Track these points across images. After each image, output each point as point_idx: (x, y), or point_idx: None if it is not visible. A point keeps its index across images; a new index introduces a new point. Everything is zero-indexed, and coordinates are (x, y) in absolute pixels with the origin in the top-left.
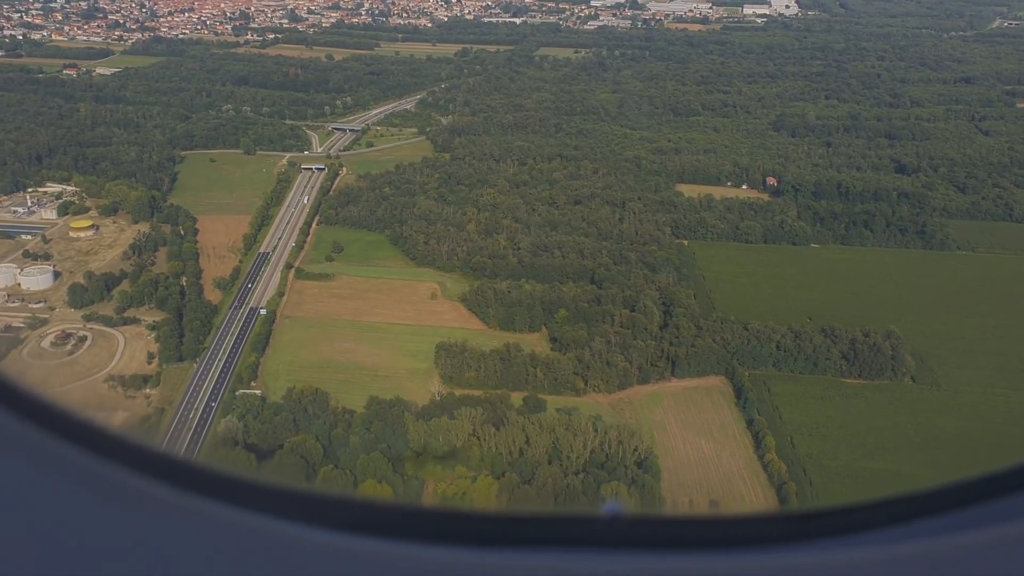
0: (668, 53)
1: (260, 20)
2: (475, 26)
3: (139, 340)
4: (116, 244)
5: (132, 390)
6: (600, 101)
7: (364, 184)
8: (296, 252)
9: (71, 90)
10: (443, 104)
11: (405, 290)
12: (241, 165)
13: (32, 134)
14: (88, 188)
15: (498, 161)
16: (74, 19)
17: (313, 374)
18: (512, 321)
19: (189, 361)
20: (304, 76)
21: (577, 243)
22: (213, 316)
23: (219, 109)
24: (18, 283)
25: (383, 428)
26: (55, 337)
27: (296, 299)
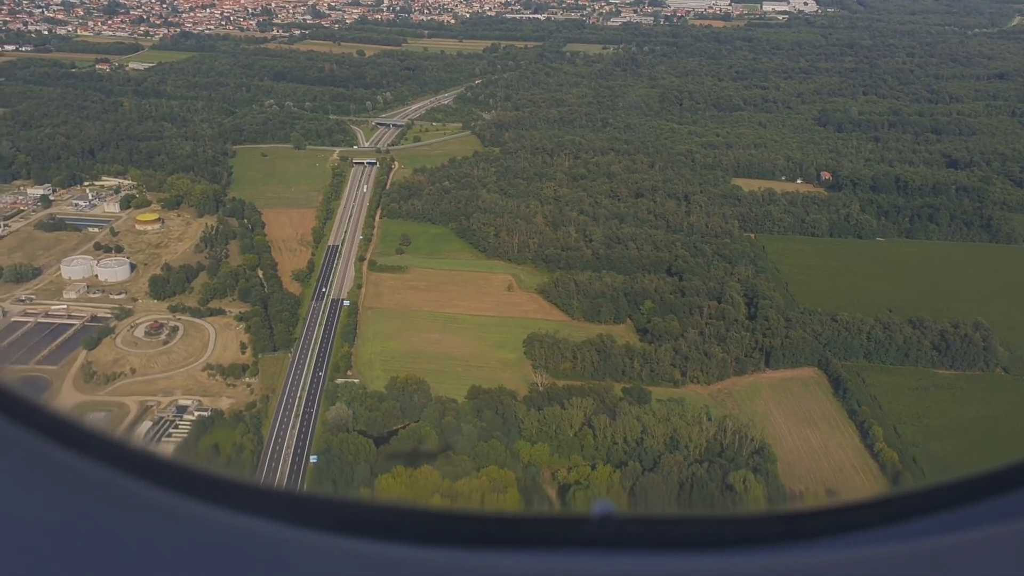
0: (696, 49)
1: (283, 16)
2: (499, 22)
3: (228, 331)
4: (184, 237)
5: (231, 378)
6: (640, 96)
7: (423, 178)
8: (365, 245)
9: (109, 84)
10: (483, 99)
11: (479, 282)
12: (293, 160)
13: (80, 128)
14: (146, 182)
15: (550, 155)
16: (96, 14)
17: (406, 364)
18: (598, 312)
19: (282, 351)
20: (339, 72)
21: (649, 235)
22: (297, 307)
23: (262, 104)
24: (95, 275)
25: (493, 416)
26: (148, 327)
27: (374, 291)
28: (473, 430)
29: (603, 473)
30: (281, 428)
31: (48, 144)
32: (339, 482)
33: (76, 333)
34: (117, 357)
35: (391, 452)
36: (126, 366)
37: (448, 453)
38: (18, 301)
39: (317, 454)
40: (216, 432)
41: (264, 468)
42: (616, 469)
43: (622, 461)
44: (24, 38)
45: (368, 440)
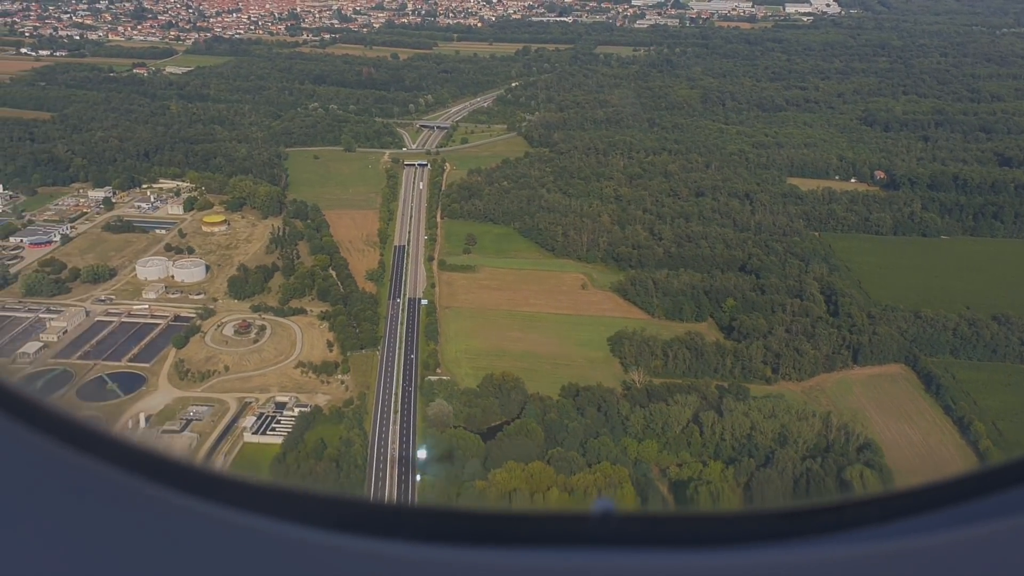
0: (728, 51)
1: (309, 20)
2: (527, 26)
3: (312, 329)
4: (252, 238)
5: (324, 376)
6: (682, 97)
7: (480, 179)
8: (431, 245)
9: (152, 88)
10: (523, 101)
11: (552, 281)
12: (345, 162)
13: (131, 131)
14: (205, 184)
15: (602, 155)
16: (124, 19)
17: (492, 362)
18: (680, 310)
19: (369, 349)
20: (377, 75)
21: (719, 234)
22: (375, 306)
23: (306, 107)
24: (171, 275)
25: (595, 414)
26: (237, 326)
27: (448, 290)
28: (579, 427)
29: (715, 469)
30: (382, 424)
31: (102, 147)
32: (449, 476)
33: (162, 332)
34: (209, 355)
35: (497, 448)
36: (219, 364)
37: (557, 449)
38: (98, 301)
39: (425, 449)
40: (318, 427)
41: (372, 462)
42: (727, 465)
43: (731, 457)
44: (57, 43)
45: (475, 435)
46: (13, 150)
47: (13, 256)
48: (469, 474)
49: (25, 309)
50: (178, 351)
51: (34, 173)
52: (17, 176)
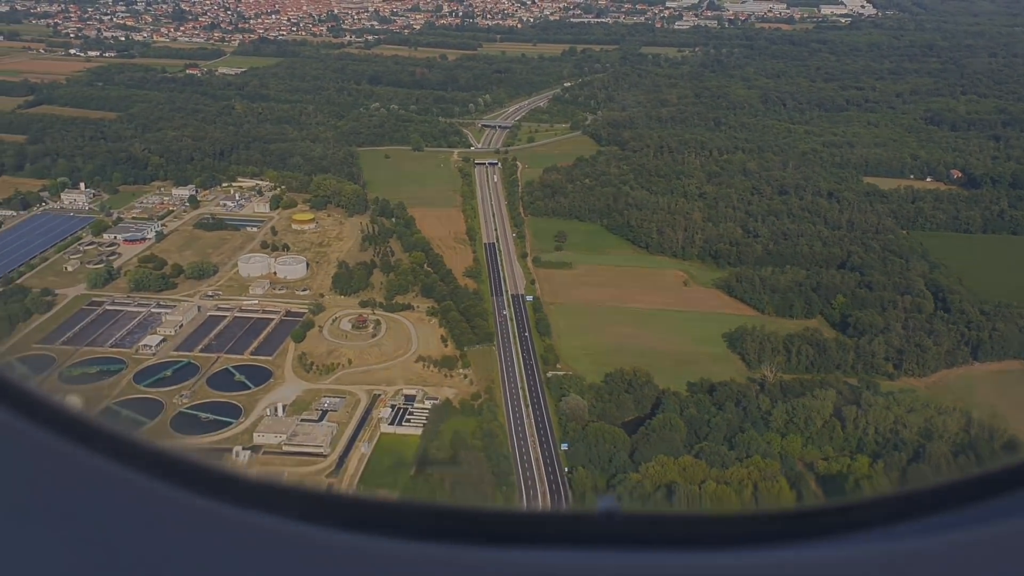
0: (774, 52)
1: (349, 22)
2: (568, 27)
3: (423, 325)
4: (343, 236)
5: (446, 370)
6: (741, 97)
7: (560, 176)
8: (520, 242)
9: (211, 88)
10: (582, 100)
11: (651, 278)
12: (415, 160)
13: (201, 130)
14: (286, 182)
15: (674, 153)
16: (165, 20)
17: (611, 358)
18: (790, 307)
19: (485, 345)
20: (430, 75)
21: (815, 232)
22: (481, 302)
23: (367, 107)
24: (273, 272)
25: (734, 408)
26: (354, 321)
27: (549, 287)
28: (721, 422)
29: (862, 463)
30: (516, 417)
31: (177, 146)
32: (596, 469)
33: (277, 327)
34: (330, 349)
35: (641, 441)
36: (341, 357)
37: (703, 444)
38: (207, 297)
39: (567, 442)
40: (452, 420)
41: (516, 455)
42: (874, 460)
43: (875, 452)
44: (105, 44)
45: (619, 429)
46: (90, 149)
47: (110, 252)
48: (616, 467)
49: (135, 304)
50: (297, 345)
51: (114, 172)
52: (97, 175)
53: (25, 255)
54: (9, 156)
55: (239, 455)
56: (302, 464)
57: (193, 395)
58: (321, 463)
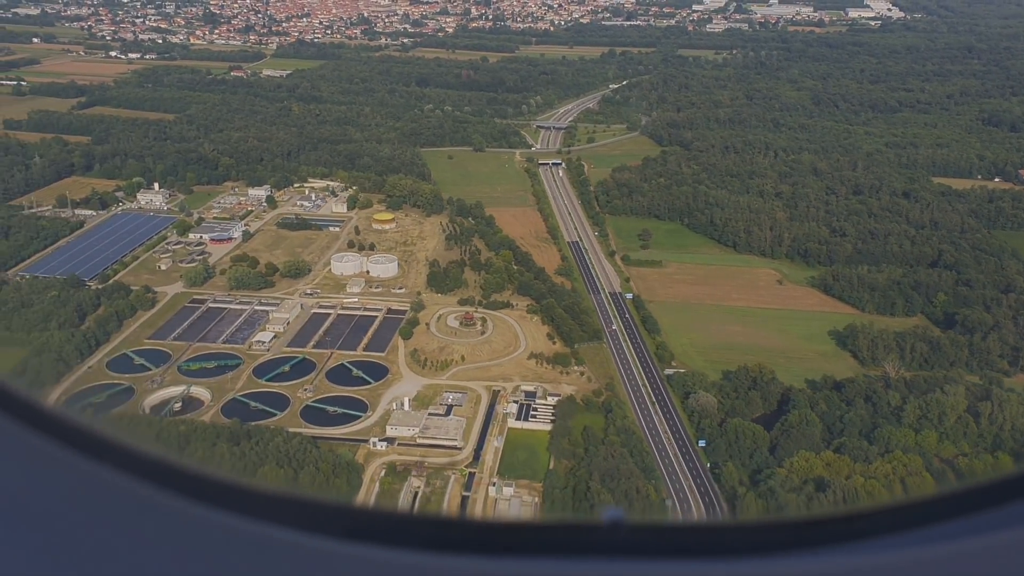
0: (812, 54)
1: (381, 25)
2: (602, 30)
3: (526, 322)
4: (425, 235)
5: (560, 367)
6: (793, 98)
7: (633, 176)
8: (604, 240)
9: (262, 90)
10: (634, 102)
11: (744, 276)
12: (478, 161)
13: (264, 131)
14: (357, 183)
15: (740, 153)
16: (197, 23)
17: (723, 355)
18: (891, 305)
19: (594, 342)
20: (477, 77)
21: (901, 231)
22: (579, 300)
23: (421, 108)
24: (366, 270)
25: (863, 404)
26: (463, 318)
27: (643, 285)
28: (855, 418)
29: (1004, 461)
30: (644, 414)
31: (244, 147)
32: (735, 464)
33: (382, 324)
34: (441, 346)
35: (777, 437)
36: (454, 354)
37: (841, 440)
38: (306, 295)
39: (704, 439)
40: (579, 416)
41: (654, 453)
42: (1015, 457)
43: (1013, 449)
44: (143, 47)
45: (757, 425)
46: (158, 149)
47: (199, 252)
48: (757, 463)
49: (236, 302)
50: (405, 341)
51: (187, 172)
52: (170, 175)
53: (116, 253)
54: (78, 156)
55: (376, 446)
56: (438, 455)
57: (316, 389)
58: (457, 455)
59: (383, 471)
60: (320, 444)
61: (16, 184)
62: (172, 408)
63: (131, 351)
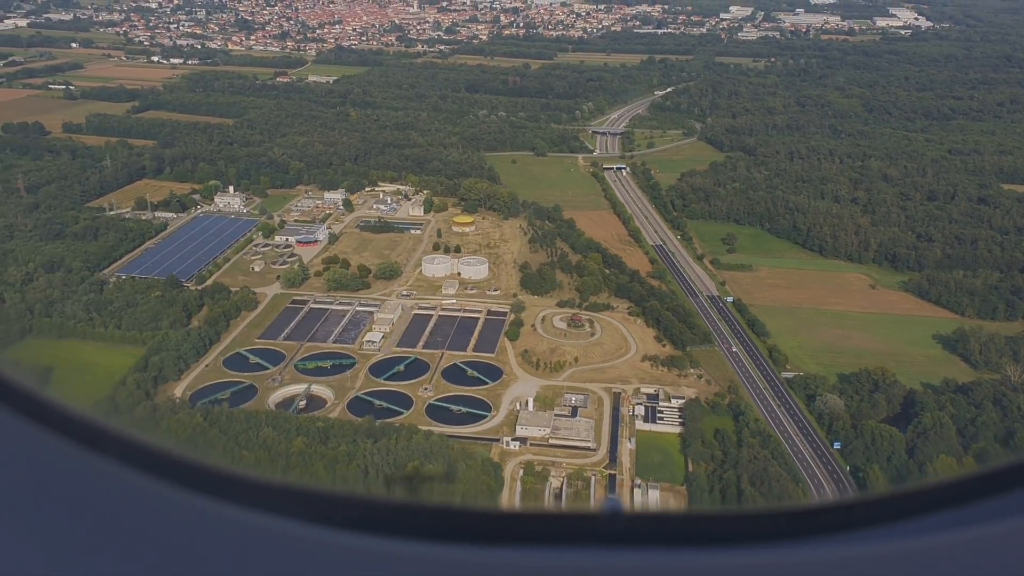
0: (851, 62)
1: (413, 32)
2: (636, 37)
3: (630, 324)
4: (505, 237)
5: (675, 370)
6: (844, 105)
7: (705, 180)
8: (687, 244)
9: (313, 95)
10: (685, 107)
11: (835, 280)
12: (543, 165)
13: (326, 136)
14: (429, 186)
15: (805, 159)
16: (230, 30)
17: (833, 358)
18: (993, 309)
19: (705, 346)
20: (524, 84)
21: (988, 235)
22: (680, 303)
23: (475, 114)
24: (457, 272)
25: (991, 407)
26: (570, 319)
27: (738, 288)
28: (988, 421)
29: None
30: (770, 416)
31: (311, 151)
32: (872, 466)
33: (485, 325)
34: (551, 347)
35: (911, 440)
36: (565, 355)
37: (982, 444)
38: (402, 296)
39: (838, 441)
40: (706, 418)
41: (793, 456)
42: None
43: None
44: (184, 52)
45: (893, 428)
46: (227, 153)
47: (288, 254)
48: (896, 466)
49: (336, 303)
50: (513, 342)
51: (261, 176)
52: (244, 178)
53: (207, 255)
54: (147, 159)
55: (509, 445)
56: (573, 456)
57: (435, 389)
58: (592, 456)
59: (521, 470)
60: (453, 443)
61: (92, 187)
62: (298, 405)
63: (245, 350)
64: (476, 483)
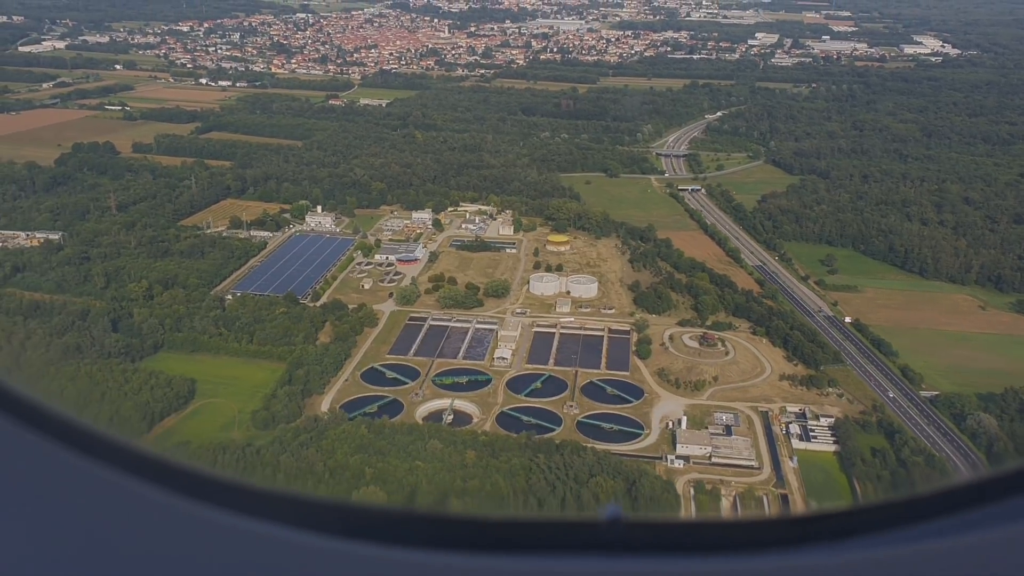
0: (892, 88)
1: (449, 56)
2: (675, 62)
3: (756, 343)
4: (604, 256)
5: (815, 389)
6: (901, 130)
7: (791, 203)
8: (786, 265)
9: (372, 118)
10: (744, 131)
11: (942, 302)
12: (617, 186)
13: (401, 158)
14: (512, 206)
15: (880, 182)
16: (268, 53)
17: (965, 378)
18: None
19: (837, 365)
20: (577, 107)
21: None
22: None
23: (537, 136)
24: (567, 291)
25: None
26: (701, 338)
27: (849, 309)
28: None
29: None
30: (923, 435)
31: (388, 172)
32: None
33: (610, 343)
34: (688, 366)
35: None
36: (703, 374)
37: None
38: (516, 314)
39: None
40: (859, 438)
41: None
42: None
43: None
44: (231, 74)
45: None
46: (309, 174)
47: (392, 272)
48: None
49: (454, 320)
50: (643, 361)
51: (347, 196)
52: (330, 198)
53: (315, 272)
54: (229, 179)
55: (673, 463)
56: (738, 475)
57: (579, 406)
58: (757, 475)
59: (691, 488)
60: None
61: (182, 206)
62: (446, 420)
63: (379, 365)
64: (658, 500)
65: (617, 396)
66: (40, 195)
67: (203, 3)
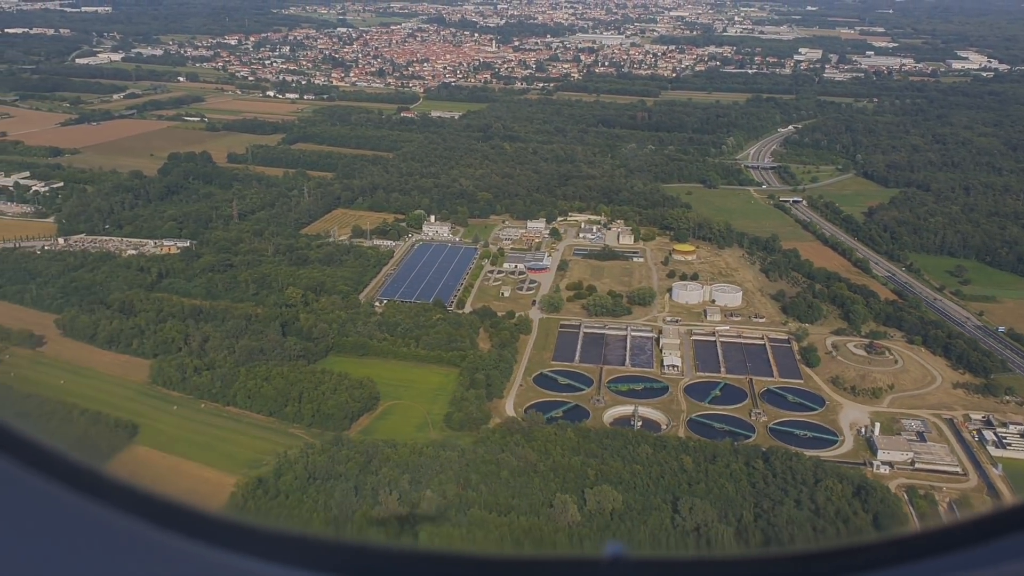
0: (953, 102)
1: (503, 70)
2: (730, 76)
3: (916, 351)
4: (733, 266)
5: (992, 397)
6: (983, 144)
7: (905, 214)
8: (914, 275)
9: (467, 130)
10: (825, 144)
11: None
12: (718, 197)
13: (498, 169)
14: (623, 216)
15: (983, 195)
16: (322, 67)
17: None
18: None
19: (1005, 373)
20: (650, 119)
21: None
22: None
23: (625, 147)
24: (711, 300)
25: None
26: (867, 347)
27: (994, 319)
28: None
29: None
30: None
31: (489, 182)
32: None
33: (774, 351)
34: (860, 374)
35: None
36: (877, 382)
37: None
38: (669, 322)
39: None
40: None
41: None
42: None
43: None
44: (295, 87)
45: None
46: (414, 184)
47: (526, 280)
48: None
49: (606, 328)
50: (812, 369)
51: (457, 206)
52: (441, 208)
53: (451, 280)
54: (338, 189)
55: (879, 469)
56: (945, 481)
57: (764, 413)
58: (965, 481)
59: (904, 494)
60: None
61: (300, 215)
62: (635, 425)
63: (550, 371)
64: (883, 504)
65: (799, 404)
66: (156, 203)
67: (245, 17)
